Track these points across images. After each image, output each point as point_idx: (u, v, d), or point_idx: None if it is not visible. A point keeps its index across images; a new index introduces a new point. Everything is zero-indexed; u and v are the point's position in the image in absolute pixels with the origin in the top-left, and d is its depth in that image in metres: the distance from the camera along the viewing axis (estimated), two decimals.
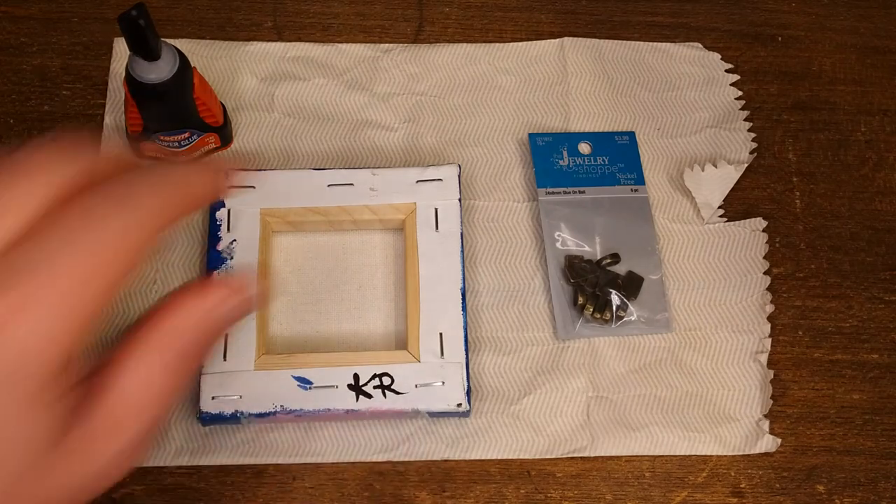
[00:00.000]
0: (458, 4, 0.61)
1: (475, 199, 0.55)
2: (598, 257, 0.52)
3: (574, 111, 0.57)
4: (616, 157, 0.54)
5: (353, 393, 0.48)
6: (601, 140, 0.55)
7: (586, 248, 0.52)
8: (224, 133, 0.54)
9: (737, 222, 0.55)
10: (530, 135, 0.54)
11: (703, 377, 0.51)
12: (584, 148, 0.54)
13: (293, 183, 0.52)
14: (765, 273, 0.54)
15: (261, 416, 0.47)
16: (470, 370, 0.50)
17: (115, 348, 0.25)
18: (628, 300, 0.51)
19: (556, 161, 0.53)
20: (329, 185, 0.52)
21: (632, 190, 0.53)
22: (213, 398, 0.47)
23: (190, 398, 0.49)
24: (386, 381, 0.48)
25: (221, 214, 0.51)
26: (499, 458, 0.49)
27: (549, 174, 0.53)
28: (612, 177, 0.53)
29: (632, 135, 0.55)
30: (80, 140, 0.27)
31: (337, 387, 0.48)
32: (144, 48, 0.46)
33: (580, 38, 0.59)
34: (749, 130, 0.58)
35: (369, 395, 0.48)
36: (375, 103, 0.57)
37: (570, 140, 0.54)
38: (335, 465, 0.49)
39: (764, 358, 0.52)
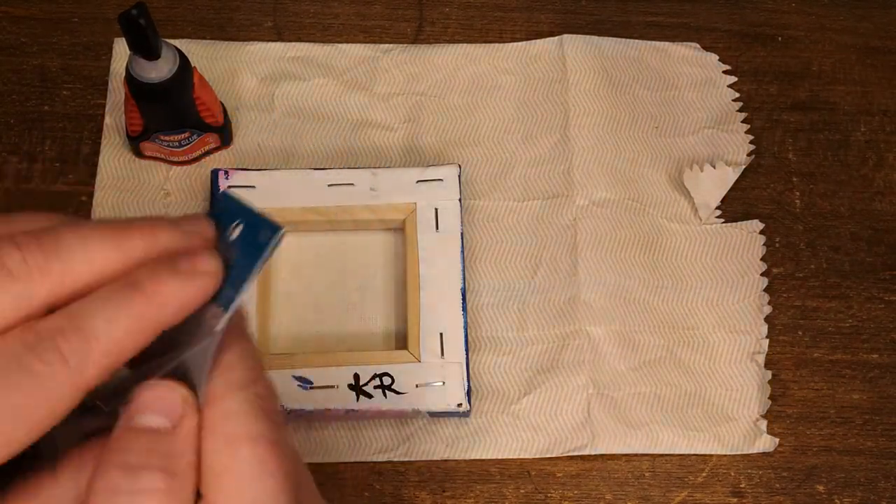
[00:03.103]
0: (458, 4, 0.61)
1: (475, 199, 0.55)
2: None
3: (573, 110, 0.57)
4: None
5: (354, 393, 0.48)
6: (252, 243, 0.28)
7: None
8: (224, 133, 0.54)
9: (734, 224, 0.55)
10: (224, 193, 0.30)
11: (701, 376, 0.51)
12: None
13: (293, 183, 0.52)
14: (762, 274, 0.54)
15: None
16: (470, 370, 0.50)
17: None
18: None
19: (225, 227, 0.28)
20: (329, 185, 0.52)
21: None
22: None
23: None
24: (386, 381, 0.48)
25: None
26: (499, 457, 0.49)
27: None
28: None
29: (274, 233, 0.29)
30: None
31: (337, 387, 0.48)
32: (145, 47, 0.46)
33: (579, 35, 0.59)
34: (748, 132, 0.58)
35: (369, 395, 0.48)
36: (375, 103, 0.57)
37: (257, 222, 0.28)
38: (335, 465, 0.49)
39: (761, 358, 0.52)
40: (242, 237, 0.27)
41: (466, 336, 0.49)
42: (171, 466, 0.23)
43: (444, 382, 0.48)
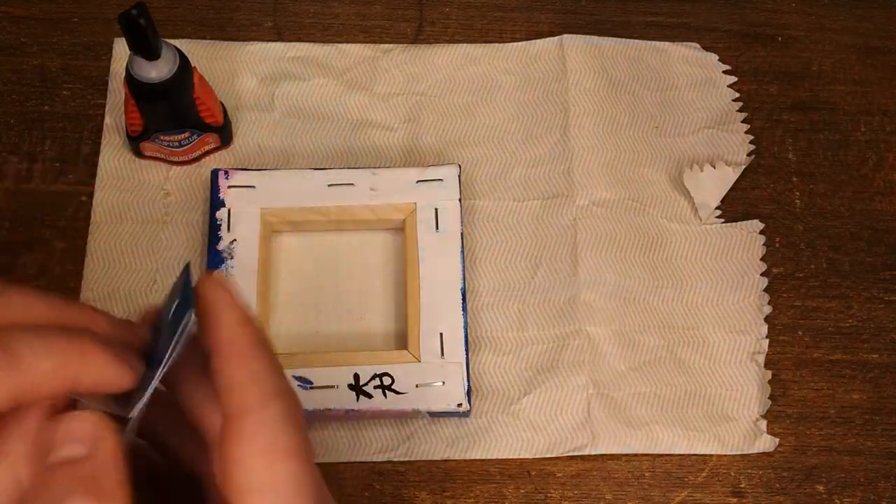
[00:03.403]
0: (458, 4, 0.61)
1: (475, 199, 0.55)
2: None
3: (573, 110, 0.57)
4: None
5: (354, 393, 0.48)
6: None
7: None
8: (224, 133, 0.54)
9: (734, 224, 0.55)
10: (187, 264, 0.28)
11: (701, 376, 0.51)
12: None
13: (293, 183, 0.52)
14: (762, 274, 0.54)
15: None
16: (470, 370, 0.50)
17: None
18: None
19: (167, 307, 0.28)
20: (329, 185, 0.52)
21: None
22: None
23: None
24: (386, 381, 0.48)
25: (221, 214, 0.51)
26: (499, 457, 0.49)
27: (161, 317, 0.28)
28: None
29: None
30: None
31: (337, 387, 0.48)
32: (145, 47, 0.46)
33: (579, 35, 0.59)
34: (748, 132, 0.58)
35: (369, 395, 0.48)
36: (375, 103, 0.57)
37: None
38: (335, 465, 0.49)
39: (761, 358, 0.52)
40: (175, 315, 0.26)
41: (466, 336, 0.49)
42: (96, 487, 0.23)
43: (444, 382, 0.48)
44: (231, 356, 0.25)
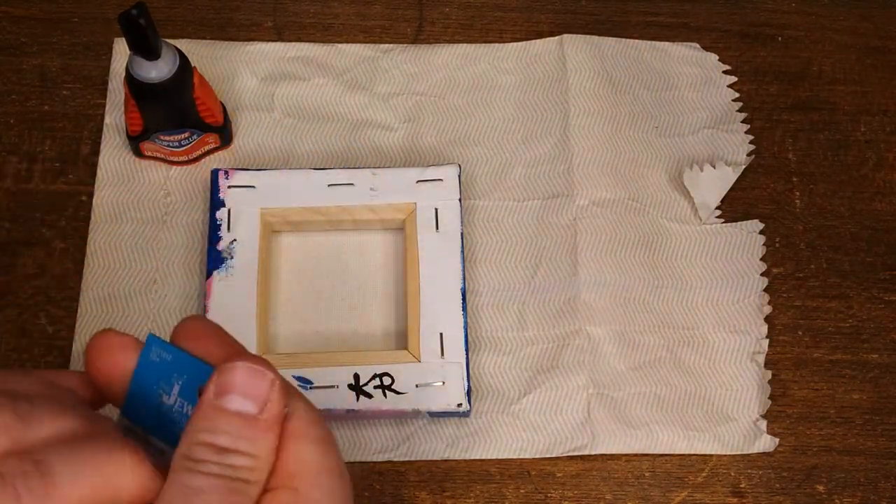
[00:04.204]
0: (458, 4, 0.61)
1: (475, 199, 0.55)
2: None
3: (573, 110, 0.57)
4: None
5: (354, 393, 0.48)
6: None
7: None
8: (224, 133, 0.54)
9: (734, 224, 0.55)
10: (150, 336, 0.29)
11: (701, 376, 0.51)
12: None
13: (293, 183, 0.52)
14: (762, 274, 0.54)
15: None
16: (470, 370, 0.50)
17: None
18: None
19: (160, 394, 0.28)
20: (329, 185, 0.52)
21: None
22: None
23: None
24: (386, 381, 0.48)
25: (221, 214, 0.51)
26: (499, 457, 0.49)
27: (145, 408, 0.29)
28: None
29: None
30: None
31: (337, 387, 0.48)
32: (145, 47, 0.46)
33: (579, 35, 0.59)
34: (748, 132, 0.58)
35: (369, 395, 0.48)
36: (375, 103, 0.57)
37: (197, 372, 0.28)
38: None
39: (761, 358, 0.52)
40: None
41: (466, 336, 0.49)
42: (257, 450, 0.25)
43: (444, 382, 0.48)
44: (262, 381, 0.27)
